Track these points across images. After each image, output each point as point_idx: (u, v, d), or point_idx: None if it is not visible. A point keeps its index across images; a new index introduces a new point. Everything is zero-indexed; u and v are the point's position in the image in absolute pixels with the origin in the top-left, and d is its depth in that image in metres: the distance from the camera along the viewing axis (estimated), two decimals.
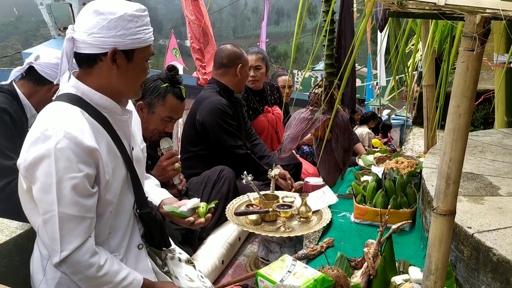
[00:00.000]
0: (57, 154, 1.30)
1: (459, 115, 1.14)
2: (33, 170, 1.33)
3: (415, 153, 3.62)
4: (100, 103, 1.47)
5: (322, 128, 1.48)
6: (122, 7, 1.41)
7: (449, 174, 1.18)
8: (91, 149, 1.36)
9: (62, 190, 1.32)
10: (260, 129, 3.68)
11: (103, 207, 1.45)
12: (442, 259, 1.25)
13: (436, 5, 1.00)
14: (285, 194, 2.60)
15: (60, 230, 1.33)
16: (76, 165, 1.32)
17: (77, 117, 1.39)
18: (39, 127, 1.35)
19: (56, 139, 1.31)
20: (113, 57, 1.42)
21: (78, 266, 1.36)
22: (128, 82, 1.49)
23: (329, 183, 1.67)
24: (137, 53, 1.45)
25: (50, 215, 1.33)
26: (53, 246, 1.35)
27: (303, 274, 1.58)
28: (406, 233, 2.25)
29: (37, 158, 1.32)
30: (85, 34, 1.40)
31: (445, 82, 2.06)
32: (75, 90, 1.46)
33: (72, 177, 1.32)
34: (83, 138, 1.34)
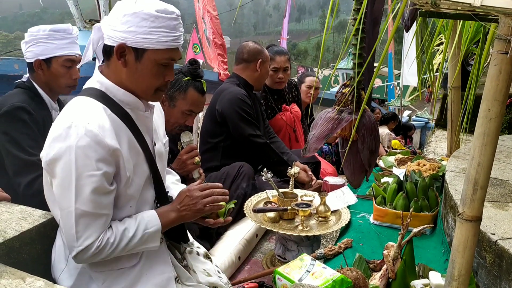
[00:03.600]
0: (77, 151, 1.31)
1: (489, 119, 1.11)
2: (53, 166, 1.35)
3: (437, 155, 3.56)
4: (123, 99, 1.47)
5: (348, 129, 1.46)
6: (143, 5, 1.37)
7: (477, 179, 1.15)
8: (112, 148, 1.36)
9: (80, 187, 1.33)
10: (277, 127, 3.68)
11: (124, 202, 1.46)
12: (466, 266, 1.22)
13: (471, 6, 0.97)
14: (304, 192, 2.58)
15: (76, 226, 1.35)
16: (95, 163, 1.33)
17: (100, 114, 1.39)
18: (62, 122, 1.36)
19: (77, 136, 1.31)
20: (121, 52, 1.41)
21: (93, 257, 1.39)
22: (137, 81, 1.45)
23: (354, 184, 1.65)
24: (148, 54, 1.40)
25: (68, 211, 1.35)
26: (70, 241, 1.37)
27: (321, 274, 1.57)
28: (426, 237, 2.22)
29: (57, 155, 1.33)
30: (107, 26, 1.41)
31: (475, 84, 2.02)
32: (100, 85, 1.46)
33: (90, 175, 1.33)
34: (104, 136, 1.35)
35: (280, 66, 3.56)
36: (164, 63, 1.44)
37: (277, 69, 3.56)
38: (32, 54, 2.16)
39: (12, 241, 1.52)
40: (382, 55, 1.22)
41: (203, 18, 5.87)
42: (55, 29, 2.16)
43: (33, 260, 1.60)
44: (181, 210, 1.54)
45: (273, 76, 3.58)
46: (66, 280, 1.50)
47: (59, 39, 2.16)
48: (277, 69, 3.56)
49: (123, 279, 1.49)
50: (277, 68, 3.56)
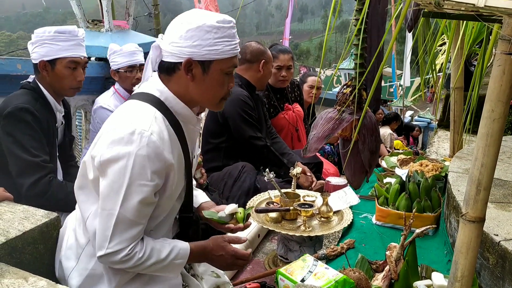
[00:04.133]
0: (136, 160, 1.32)
1: (493, 120, 1.11)
2: (107, 167, 1.35)
3: (440, 156, 3.56)
4: (180, 112, 1.48)
5: (349, 129, 1.46)
6: (203, 18, 1.39)
7: (480, 180, 1.15)
8: (168, 162, 1.38)
9: (129, 194, 1.34)
10: (280, 126, 3.68)
11: (159, 213, 1.48)
12: (469, 267, 1.22)
13: (474, 6, 0.97)
14: (306, 193, 2.58)
15: (113, 229, 1.35)
16: (150, 174, 1.34)
17: (160, 125, 1.39)
18: (124, 126, 1.35)
19: (139, 145, 1.32)
20: (189, 67, 1.41)
21: (116, 263, 1.40)
22: (204, 93, 1.47)
23: (354, 185, 1.65)
24: (214, 65, 1.42)
25: (109, 213, 1.35)
26: (101, 241, 1.37)
27: (324, 275, 1.56)
28: (429, 237, 2.21)
29: (115, 157, 1.33)
30: (167, 43, 1.42)
31: (478, 85, 2.01)
32: (159, 93, 1.46)
33: (142, 184, 1.34)
34: (163, 149, 1.36)
35: (283, 64, 3.56)
36: (228, 72, 1.46)
37: (280, 67, 3.57)
38: (37, 55, 2.17)
39: (15, 241, 1.52)
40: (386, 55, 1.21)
41: None
42: (60, 30, 2.16)
43: (36, 260, 1.60)
44: (212, 260, 1.58)
45: (276, 74, 3.59)
46: (75, 279, 1.50)
47: (64, 40, 2.16)
48: (281, 67, 3.57)
49: (134, 282, 1.50)
50: (281, 66, 3.57)
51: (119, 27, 4.16)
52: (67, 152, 2.49)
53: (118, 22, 4.22)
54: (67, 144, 2.48)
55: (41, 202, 1.93)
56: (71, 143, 2.57)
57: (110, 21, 4.00)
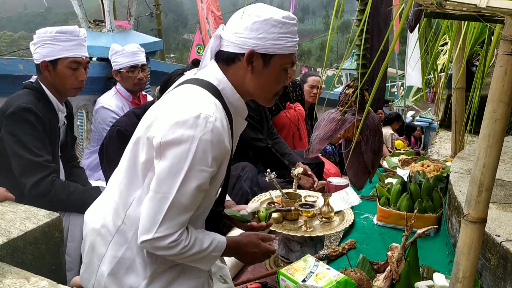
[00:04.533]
0: (200, 144, 1.30)
1: (495, 120, 1.11)
2: (168, 149, 1.32)
3: (442, 156, 3.55)
4: (234, 103, 1.47)
5: (351, 130, 1.45)
6: (271, 12, 1.41)
7: (482, 181, 1.15)
8: (227, 150, 1.38)
9: (188, 179, 1.32)
10: (281, 125, 3.68)
11: (204, 201, 1.46)
12: (471, 268, 1.22)
13: (477, 7, 0.96)
14: (308, 193, 2.58)
15: (165, 214, 1.33)
16: (210, 160, 1.33)
17: (221, 113, 1.39)
18: (188, 109, 1.33)
19: (205, 129, 1.30)
20: (250, 58, 1.41)
21: (162, 249, 1.37)
22: (261, 86, 1.47)
23: (357, 186, 1.64)
24: (275, 59, 1.43)
25: (163, 196, 1.33)
26: (149, 225, 1.34)
27: (325, 276, 1.56)
28: (430, 238, 2.21)
29: (177, 140, 1.31)
30: (231, 33, 1.42)
31: (479, 86, 2.01)
32: (217, 82, 1.45)
33: (202, 170, 1.32)
34: (224, 138, 1.35)
35: None
36: (285, 68, 1.47)
37: None
38: (39, 56, 2.18)
39: (16, 241, 1.53)
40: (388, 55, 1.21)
41: (206, 18, 5.87)
42: (61, 30, 2.17)
43: (37, 260, 1.61)
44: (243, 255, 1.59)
45: None
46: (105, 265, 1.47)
47: (65, 40, 2.17)
48: None
49: (165, 275, 1.48)
50: None
51: (120, 27, 4.16)
52: (69, 152, 2.50)
53: (119, 22, 4.22)
54: (69, 144, 2.48)
55: (44, 202, 1.93)
56: (73, 143, 2.58)
57: (112, 21, 4.00)
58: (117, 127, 2.49)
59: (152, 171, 1.39)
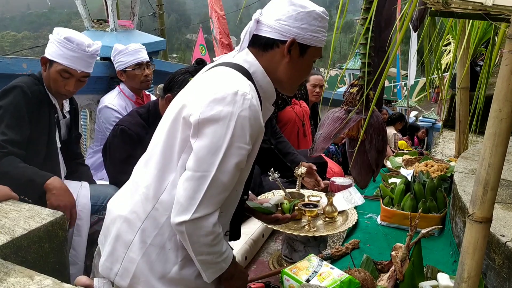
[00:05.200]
0: (238, 120, 1.29)
1: (500, 119, 1.10)
2: (206, 126, 1.31)
3: (445, 156, 3.54)
4: (264, 87, 1.47)
5: (356, 128, 1.45)
6: (312, 4, 1.44)
7: (487, 181, 1.14)
8: (262, 128, 1.38)
9: (228, 156, 1.31)
10: (287, 119, 3.69)
11: (236, 184, 1.44)
12: (475, 267, 1.21)
13: (482, 5, 0.96)
14: (311, 193, 2.58)
15: (205, 192, 1.31)
16: (248, 137, 1.32)
17: (255, 94, 1.39)
18: (224, 87, 1.33)
19: (243, 106, 1.30)
20: (290, 46, 1.43)
21: (200, 231, 1.34)
22: (293, 75, 1.49)
23: (361, 185, 1.64)
24: (310, 50, 1.46)
25: (203, 175, 1.31)
26: (187, 205, 1.32)
27: (329, 275, 1.56)
28: (434, 238, 2.20)
29: (216, 116, 1.30)
30: (273, 19, 1.43)
31: (484, 85, 2.00)
32: (248, 65, 1.45)
33: (240, 147, 1.32)
34: (259, 116, 1.36)
35: None
36: (314, 60, 1.51)
37: None
38: (46, 50, 2.22)
39: (20, 240, 1.53)
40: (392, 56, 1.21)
41: (210, 18, 5.88)
42: (70, 38, 2.17)
43: (41, 258, 1.61)
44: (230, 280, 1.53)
45: None
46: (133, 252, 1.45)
47: (68, 49, 2.17)
48: None
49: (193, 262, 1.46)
50: None
51: (124, 26, 4.16)
52: (73, 150, 2.49)
53: (123, 22, 4.22)
54: (73, 140, 2.47)
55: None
56: (78, 140, 2.57)
57: (115, 20, 4.00)
58: (121, 127, 2.49)
59: (186, 153, 1.38)
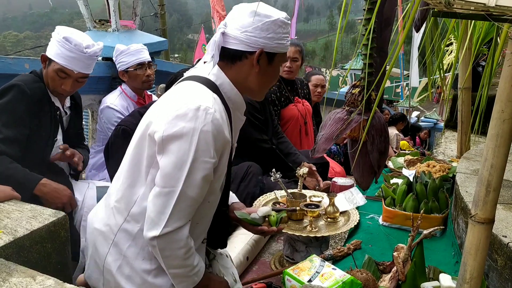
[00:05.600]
0: (201, 136, 1.32)
1: (503, 120, 1.10)
2: (170, 142, 1.34)
3: (447, 157, 3.54)
4: (233, 99, 1.50)
5: (357, 129, 1.45)
6: (276, 12, 1.46)
7: (490, 181, 1.14)
8: (227, 140, 1.40)
9: (193, 171, 1.33)
10: (289, 116, 3.70)
11: (207, 195, 1.46)
12: (478, 268, 1.21)
13: (485, 6, 0.96)
14: (313, 193, 2.58)
15: (173, 207, 1.34)
16: (212, 151, 1.35)
17: (220, 106, 1.42)
18: (187, 103, 1.35)
19: (205, 121, 1.33)
20: (259, 57, 1.45)
21: (172, 244, 1.37)
22: (262, 83, 1.52)
23: (363, 186, 1.64)
24: (277, 57, 1.49)
25: (170, 190, 1.34)
26: (157, 219, 1.35)
27: (331, 276, 1.56)
28: (436, 238, 2.20)
29: (179, 133, 1.33)
30: (239, 31, 1.44)
31: (487, 85, 2.00)
32: (215, 78, 1.48)
33: (205, 161, 1.34)
34: (224, 128, 1.38)
35: (288, 55, 3.61)
36: (281, 65, 1.55)
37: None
38: (48, 48, 2.22)
39: (23, 240, 1.53)
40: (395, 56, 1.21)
41: (212, 18, 5.88)
42: (68, 38, 2.16)
43: (43, 258, 1.61)
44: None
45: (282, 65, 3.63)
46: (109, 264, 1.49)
47: (66, 49, 2.16)
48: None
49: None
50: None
51: (126, 27, 4.16)
52: (77, 145, 2.48)
53: (125, 22, 4.22)
54: (73, 136, 2.47)
55: None
56: (78, 136, 2.56)
57: (117, 21, 4.00)
58: (122, 127, 2.49)
59: (154, 168, 1.41)
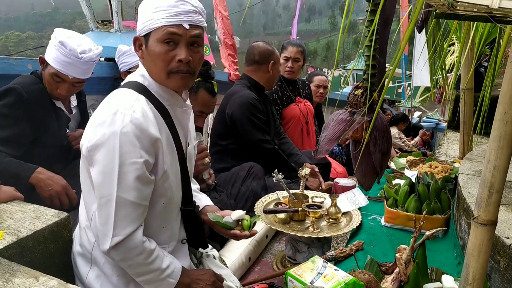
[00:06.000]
0: (122, 138, 1.30)
1: (506, 122, 1.10)
2: (95, 152, 1.33)
3: (449, 158, 3.53)
4: (162, 95, 1.48)
5: (360, 130, 1.45)
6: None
7: (493, 183, 1.14)
8: (154, 137, 1.36)
9: (123, 174, 1.32)
10: (291, 116, 3.71)
11: (157, 197, 1.45)
12: (480, 270, 1.21)
13: (488, 8, 0.96)
14: (315, 194, 2.58)
15: (115, 215, 1.33)
16: (138, 150, 1.33)
17: (144, 106, 1.40)
18: (107, 109, 1.36)
19: (123, 123, 1.31)
20: (139, 45, 1.47)
21: (129, 253, 1.37)
22: (152, 68, 1.46)
23: (365, 186, 1.64)
24: (151, 36, 1.42)
25: (107, 199, 1.33)
26: (105, 231, 1.35)
27: (333, 277, 1.56)
28: (438, 239, 2.20)
29: (101, 140, 1.32)
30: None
31: (490, 86, 2.00)
32: (143, 79, 1.48)
33: (133, 162, 1.32)
34: (147, 126, 1.35)
35: (290, 56, 3.67)
36: (167, 41, 1.41)
37: (287, 59, 3.68)
38: (46, 50, 2.20)
39: (26, 240, 1.53)
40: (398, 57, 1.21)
41: (215, 18, 5.89)
42: (63, 43, 2.13)
43: (46, 259, 1.61)
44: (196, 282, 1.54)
45: (283, 65, 3.69)
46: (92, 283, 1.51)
47: (61, 53, 2.13)
48: (288, 58, 3.68)
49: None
50: (288, 58, 3.68)
51: (128, 27, 4.17)
52: None
53: (127, 23, 4.23)
54: None
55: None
56: None
57: (120, 21, 4.01)
58: None
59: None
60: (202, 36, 1.47)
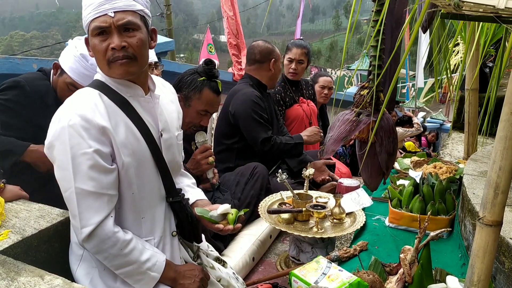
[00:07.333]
0: (70, 131, 1.35)
1: (511, 123, 1.09)
2: (52, 150, 1.39)
3: (454, 158, 3.52)
4: (120, 88, 1.50)
5: (366, 131, 1.45)
6: None
7: (498, 184, 1.14)
8: (102, 127, 1.38)
9: (77, 165, 1.36)
10: (294, 116, 3.72)
11: (125, 187, 1.46)
12: (485, 271, 1.21)
13: (495, 8, 0.96)
14: (319, 194, 2.57)
15: (78, 207, 1.36)
16: (87, 141, 1.36)
17: (93, 99, 1.43)
18: (59, 110, 1.42)
19: (69, 116, 1.37)
20: (88, 45, 1.49)
21: (102, 244, 1.38)
22: (98, 64, 1.50)
23: (371, 187, 1.64)
24: (89, 34, 1.45)
25: (69, 192, 1.37)
26: (76, 223, 1.39)
27: (338, 277, 1.56)
28: (443, 240, 2.19)
29: (53, 137, 1.38)
30: None
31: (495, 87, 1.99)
32: (101, 76, 1.52)
33: (84, 153, 1.36)
34: (94, 116, 1.38)
35: (294, 57, 3.67)
36: (98, 33, 1.42)
37: (291, 60, 3.67)
38: (62, 56, 2.20)
39: (31, 239, 1.54)
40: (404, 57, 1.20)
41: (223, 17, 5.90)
42: (85, 56, 2.12)
43: (51, 258, 1.62)
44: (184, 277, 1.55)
45: (287, 66, 3.70)
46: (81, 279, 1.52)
47: (81, 66, 2.13)
48: (292, 60, 3.67)
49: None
50: (292, 59, 3.67)
51: None
52: None
53: None
54: None
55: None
56: None
57: None
58: None
59: None
60: (137, 20, 1.45)
